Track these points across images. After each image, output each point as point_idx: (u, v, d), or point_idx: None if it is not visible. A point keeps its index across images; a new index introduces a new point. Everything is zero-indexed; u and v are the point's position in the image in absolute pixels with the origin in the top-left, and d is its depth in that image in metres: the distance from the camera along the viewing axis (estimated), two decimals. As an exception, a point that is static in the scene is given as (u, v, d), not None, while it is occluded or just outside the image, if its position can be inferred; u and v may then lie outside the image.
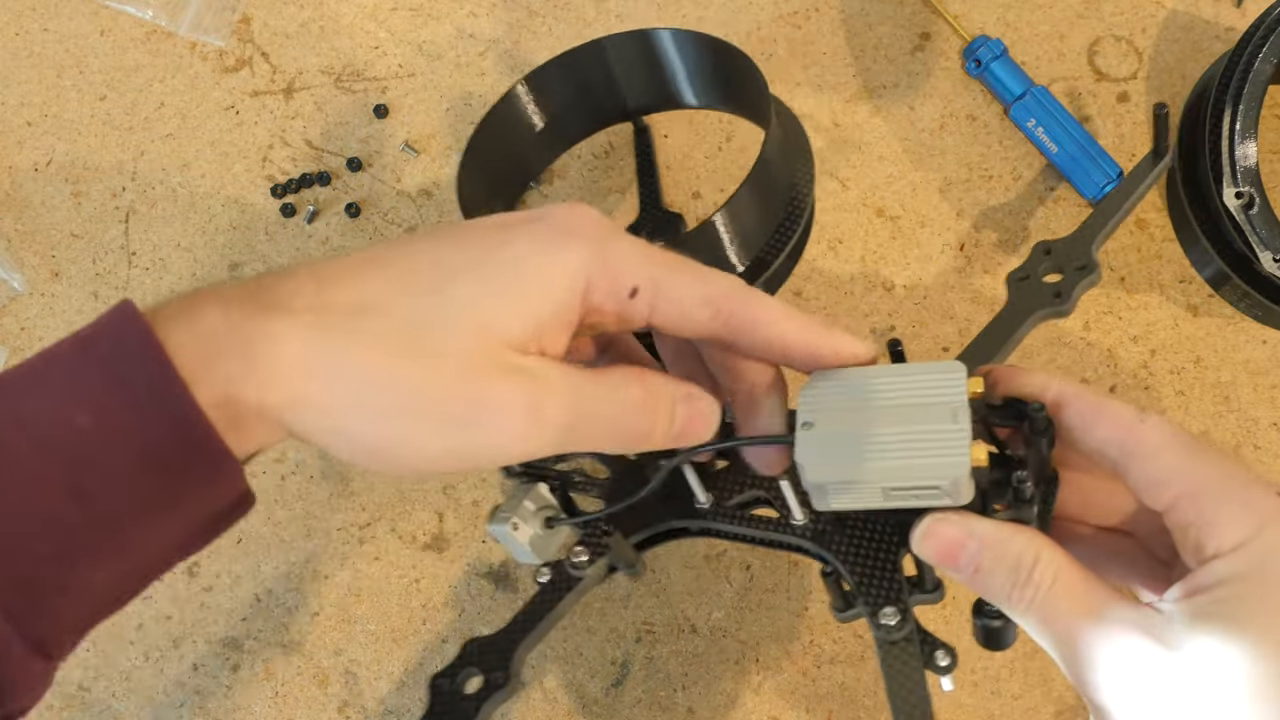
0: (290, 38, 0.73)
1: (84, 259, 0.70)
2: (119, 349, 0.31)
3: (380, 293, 0.33)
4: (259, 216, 0.69)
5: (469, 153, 0.58)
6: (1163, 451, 0.37)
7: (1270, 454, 0.59)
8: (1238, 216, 0.55)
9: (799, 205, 0.54)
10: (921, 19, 0.68)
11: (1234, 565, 0.34)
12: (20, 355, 0.68)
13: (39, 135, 0.73)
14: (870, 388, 0.40)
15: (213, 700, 0.60)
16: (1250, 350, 0.60)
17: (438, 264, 0.34)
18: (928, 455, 0.38)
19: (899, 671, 0.44)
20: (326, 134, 0.71)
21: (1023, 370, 0.42)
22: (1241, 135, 0.56)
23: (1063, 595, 0.37)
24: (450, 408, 0.33)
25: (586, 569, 0.49)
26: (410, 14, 0.72)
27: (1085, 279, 0.52)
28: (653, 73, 0.61)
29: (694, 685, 0.58)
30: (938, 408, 0.39)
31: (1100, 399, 0.39)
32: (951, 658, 0.44)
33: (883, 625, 0.44)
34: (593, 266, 0.35)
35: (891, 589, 0.45)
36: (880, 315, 0.63)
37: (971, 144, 0.65)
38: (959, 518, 0.39)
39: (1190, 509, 0.36)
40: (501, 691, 0.48)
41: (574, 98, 0.62)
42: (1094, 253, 0.52)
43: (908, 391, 0.40)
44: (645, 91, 0.63)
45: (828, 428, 0.40)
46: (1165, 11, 0.66)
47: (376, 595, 0.61)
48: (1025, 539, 0.38)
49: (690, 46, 0.59)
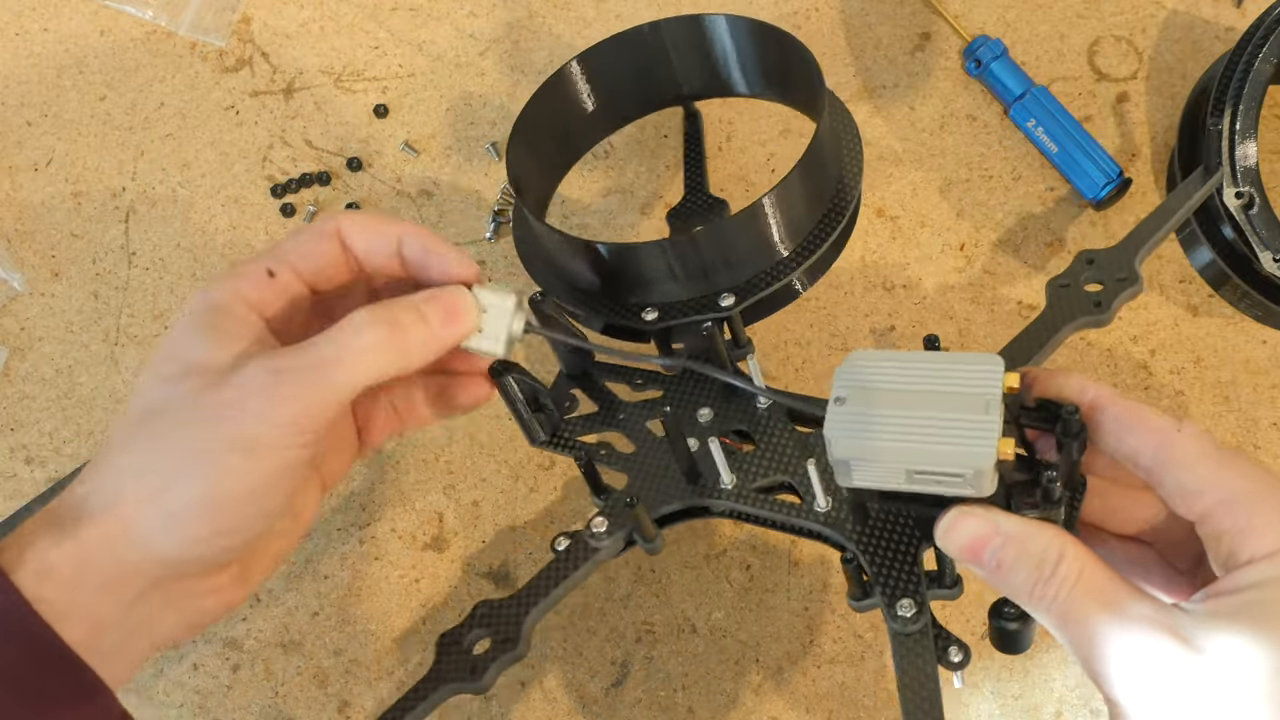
0: (290, 38, 0.73)
1: (84, 259, 0.70)
2: None
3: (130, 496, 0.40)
4: (259, 216, 0.69)
5: (518, 130, 0.57)
6: (1198, 461, 0.37)
7: (1270, 454, 0.59)
8: (1238, 216, 0.55)
9: (846, 196, 0.54)
10: (921, 19, 0.68)
11: (1266, 571, 0.34)
12: (20, 355, 0.68)
13: (39, 135, 0.73)
14: (907, 371, 0.40)
15: (213, 700, 0.60)
16: (1250, 350, 0.60)
17: (154, 368, 0.41)
18: (955, 443, 0.38)
19: (912, 665, 0.43)
20: (326, 134, 0.71)
21: (1060, 372, 0.42)
22: (1241, 135, 0.56)
23: (1085, 592, 0.37)
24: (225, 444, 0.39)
25: (604, 540, 0.49)
26: (410, 14, 0.72)
27: (1127, 290, 0.52)
28: (706, 59, 0.61)
29: (694, 685, 0.58)
30: (972, 397, 0.39)
31: (1137, 406, 0.39)
32: (965, 654, 0.44)
33: (899, 617, 0.44)
34: (231, 285, 0.42)
35: (910, 581, 0.45)
36: (880, 315, 0.63)
37: (971, 144, 0.65)
38: (984, 512, 0.39)
39: (1225, 518, 0.36)
40: (509, 655, 0.48)
41: (627, 79, 0.61)
42: (1137, 265, 0.52)
43: (944, 379, 0.40)
44: (698, 76, 0.62)
45: (859, 405, 0.40)
46: (1165, 11, 0.66)
47: (376, 595, 0.61)
48: (1050, 535, 0.38)
49: (745, 33, 0.58)
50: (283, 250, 0.44)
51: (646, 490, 0.51)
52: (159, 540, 0.38)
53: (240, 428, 0.39)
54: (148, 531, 0.38)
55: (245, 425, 0.39)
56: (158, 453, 0.39)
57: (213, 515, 0.39)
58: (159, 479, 0.38)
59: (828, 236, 0.53)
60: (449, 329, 0.44)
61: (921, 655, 0.43)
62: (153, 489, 0.38)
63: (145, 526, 0.38)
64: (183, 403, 0.39)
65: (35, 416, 0.67)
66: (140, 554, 0.38)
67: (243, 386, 0.39)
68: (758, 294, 0.52)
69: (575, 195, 0.67)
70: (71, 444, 0.66)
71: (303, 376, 0.40)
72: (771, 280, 0.52)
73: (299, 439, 0.40)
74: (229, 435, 0.39)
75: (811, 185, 0.52)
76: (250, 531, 0.40)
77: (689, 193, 0.62)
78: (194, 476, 0.38)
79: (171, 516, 0.38)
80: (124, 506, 0.38)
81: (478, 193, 0.68)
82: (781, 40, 0.56)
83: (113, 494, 0.38)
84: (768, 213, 0.51)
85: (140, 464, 0.39)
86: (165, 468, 0.38)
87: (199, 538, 0.39)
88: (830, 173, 0.54)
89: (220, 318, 0.41)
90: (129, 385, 0.67)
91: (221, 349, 0.40)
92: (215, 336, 0.41)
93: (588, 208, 0.67)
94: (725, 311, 0.51)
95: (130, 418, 0.41)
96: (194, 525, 0.39)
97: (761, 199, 0.50)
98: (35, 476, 0.66)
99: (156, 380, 0.41)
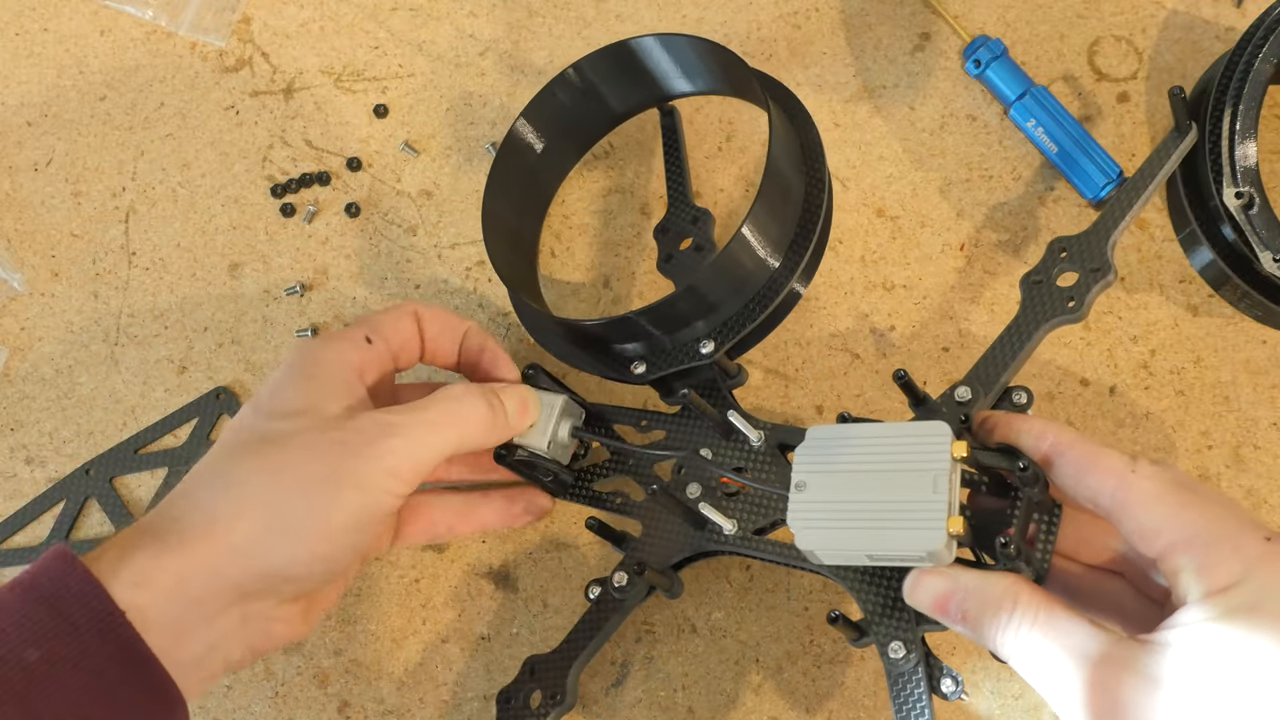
0: (290, 38, 0.73)
1: (84, 259, 0.70)
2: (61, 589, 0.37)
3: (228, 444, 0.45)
4: (259, 216, 0.69)
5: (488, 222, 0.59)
6: (1154, 501, 0.38)
7: (1270, 454, 0.59)
8: (1238, 216, 0.55)
9: (818, 182, 0.54)
10: (921, 19, 0.68)
11: (1219, 606, 0.35)
12: (20, 355, 0.68)
13: (39, 135, 0.73)
14: (861, 450, 0.42)
15: (212, 700, 0.60)
16: (1250, 350, 0.60)
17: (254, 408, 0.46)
18: (906, 527, 0.40)
19: (906, 700, 0.45)
20: (326, 134, 0.71)
21: (1020, 418, 0.44)
22: (1241, 135, 0.56)
23: (1045, 635, 0.38)
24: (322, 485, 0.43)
25: (628, 592, 0.53)
26: (410, 14, 0.72)
27: (1100, 282, 0.51)
28: (635, 77, 0.62)
29: (694, 685, 0.58)
30: (920, 475, 0.40)
31: (1094, 449, 0.40)
32: (957, 684, 0.45)
33: (890, 659, 0.46)
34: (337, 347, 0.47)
35: (901, 623, 0.46)
36: (880, 315, 0.63)
37: (971, 144, 0.65)
38: (945, 569, 0.41)
39: (1182, 556, 0.37)
40: (559, 708, 0.52)
41: (566, 119, 0.63)
42: (1109, 252, 0.51)
43: (894, 456, 0.41)
44: (633, 96, 0.64)
45: (818, 492, 0.41)
46: (1165, 11, 0.66)
47: (376, 595, 0.61)
48: (1006, 583, 0.39)
49: (675, 48, 0.59)
50: (376, 322, 0.50)
51: (657, 539, 0.54)
52: (264, 554, 0.42)
53: (355, 465, 0.43)
54: (255, 545, 0.41)
55: (359, 465, 0.43)
56: (271, 475, 0.43)
57: (318, 538, 0.43)
58: (272, 499, 0.42)
59: (812, 233, 0.53)
60: (520, 419, 0.50)
61: (914, 692, 0.45)
62: (265, 507, 0.42)
63: (253, 541, 0.41)
64: (299, 438, 0.43)
65: (35, 416, 0.67)
66: (242, 568, 0.41)
67: (359, 431, 0.44)
68: (747, 325, 0.53)
69: (575, 195, 0.67)
70: (71, 444, 0.66)
71: (411, 432, 0.45)
72: (770, 296, 0.53)
73: (399, 487, 0.44)
74: (344, 470, 0.43)
75: (781, 190, 0.53)
76: (341, 563, 0.44)
77: (673, 205, 0.62)
78: (308, 501, 0.42)
79: (280, 533, 0.42)
80: (234, 521, 0.42)
81: (478, 193, 0.68)
82: (701, 45, 0.57)
83: (218, 511, 0.42)
84: (743, 247, 0.52)
85: (253, 485, 0.42)
86: (279, 490, 0.42)
87: (300, 558, 0.43)
88: (793, 169, 0.54)
89: (327, 372, 0.46)
90: (129, 385, 0.67)
91: (330, 399, 0.45)
92: (323, 387, 0.46)
93: (588, 208, 0.67)
94: (707, 359, 0.53)
95: (231, 445, 0.44)
96: (300, 545, 0.43)
97: (730, 244, 0.51)
98: (35, 476, 0.66)
99: (264, 416, 0.45)
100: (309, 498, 0.42)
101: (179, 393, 0.67)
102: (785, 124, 0.55)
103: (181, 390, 0.67)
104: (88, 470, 0.65)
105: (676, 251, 0.60)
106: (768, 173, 0.51)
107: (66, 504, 0.65)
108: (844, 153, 0.66)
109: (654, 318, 0.52)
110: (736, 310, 0.53)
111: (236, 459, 0.44)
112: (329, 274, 0.68)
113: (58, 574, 0.38)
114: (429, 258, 0.67)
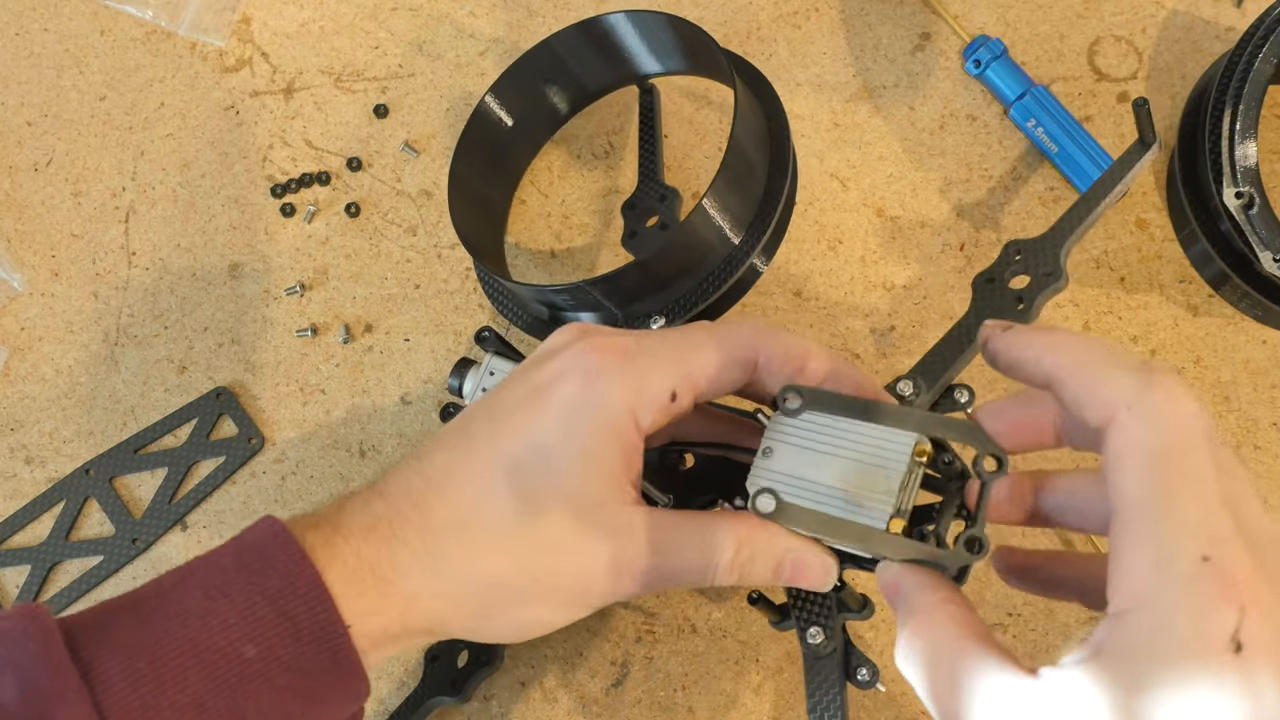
0: (290, 38, 0.73)
1: (84, 259, 0.70)
2: (289, 589, 0.36)
3: (473, 506, 0.39)
4: (259, 216, 0.69)
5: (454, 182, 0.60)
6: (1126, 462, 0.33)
7: (1270, 454, 0.59)
8: (1238, 216, 0.55)
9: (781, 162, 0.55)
10: (921, 19, 0.68)
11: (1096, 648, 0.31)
12: (20, 355, 0.68)
13: (39, 135, 0.73)
14: (830, 432, 0.41)
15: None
16: (1250, 350, 0.60)
17: (504, 463, 0.39)
18: (853, 517, 0.40)
19: (820, 684, 0.47)
20: (326, 134, 0.71)
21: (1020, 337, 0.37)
22: (1241, 135, 0.56)
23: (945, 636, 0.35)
24: (560, 594, 0.40)
25: None
26: (410, 14, 0.72)
27: (1050, 286, 0.49)
28: (607, 55, 0.63)
29: (694, 685, 0.58)
30: (876, 472, 0.40)
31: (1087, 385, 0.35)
32: (872, 673, 0.47)
33: (809, 643, 0.47)
34: (630, 398, 0.39)
35: (821, 610, 0.47)
36: (880, 315, 0.63)
37: (971, 144, 0.65)
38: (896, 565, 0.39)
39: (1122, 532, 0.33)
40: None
41: (533, 96, 0.64)
42: (1063, 257, 0.50)
43: (860, 447, 0.41)
44: (606, 73, 0.65)
45: (783, 460, 0.41)
46: (1165, 11, 0.66)
47: (376, 595, 0.61)
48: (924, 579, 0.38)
49: (643, 24, 0.60)
50: (694, 368, 0.41)
51: None
52: (463, 635, 0.41)
53: (616, 551, 0.39)
54: (455, 629, 0.41)
55: (621, 552, 0.39)
56: (499, 559, 0.39)
57: (513, 639, 0.42)
58: (486, 587, 0.39)
59: (774, 210, 0.54)
60: (806, 583, 0.42)
61: (828, 677, 0.46)
62: (481, 596, 0.40)
63: (458, 627, 0.40)
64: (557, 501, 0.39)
65: (35, 416, 0.67)
66: (470, 634, 0.41)
67: (631, 530, 0.40)
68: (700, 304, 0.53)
69: (575, 195, 0.67)
70: (71, 444, 0.66)
71: (676, 558, 0.40)
72: (729, 272, 0.53)
73: (633, 590, 0.41)
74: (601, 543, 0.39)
75: (745, 166, 0.53)
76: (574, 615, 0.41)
77: (642, 182, 0.62)
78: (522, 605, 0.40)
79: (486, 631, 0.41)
80: (445, 600, 0.39)
81: (478, 193, 0.68)
82: (671, 22, 0.58)
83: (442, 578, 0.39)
84: (704, 221, 0.52)
85: (477, 571, 0.39)
86: (495, 583, 0.39)
87: (490, 640, 0.42)
88: (757, 147, 0.54)
89: (608, 439, 0.39)
90: (129, 385, 0.67)
91: (597, 479, 0.39)
92: (596, 462, 0.39)
93: (588, 208, 0.67)
94: None
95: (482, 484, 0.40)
96: (497, 639, 0.42)
97: (689, 217, 0.51)
98: (35, 476, 0.66)
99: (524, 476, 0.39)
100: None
101: (179, 393, 0.67)
102: (751, 101, 0.55)
103: (181, 390, 0.67)
104: (88, 470, 0.65)
105: (642, 228, 0.60)
106: (730, 149, 0.51)
107: (66, 504, 0.65)
108: (844, 153, 0.66)
109: (607, 289, 0.52)
110: (690, 288, 0.53)
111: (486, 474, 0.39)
112: (329, 274, 0.68)
113: (285, 571, 0.37)
114: (429, 258, 0.67)
